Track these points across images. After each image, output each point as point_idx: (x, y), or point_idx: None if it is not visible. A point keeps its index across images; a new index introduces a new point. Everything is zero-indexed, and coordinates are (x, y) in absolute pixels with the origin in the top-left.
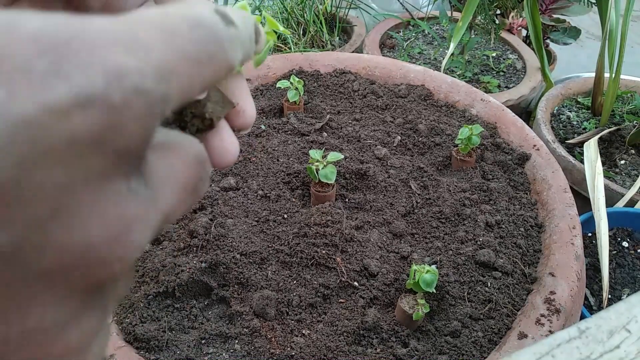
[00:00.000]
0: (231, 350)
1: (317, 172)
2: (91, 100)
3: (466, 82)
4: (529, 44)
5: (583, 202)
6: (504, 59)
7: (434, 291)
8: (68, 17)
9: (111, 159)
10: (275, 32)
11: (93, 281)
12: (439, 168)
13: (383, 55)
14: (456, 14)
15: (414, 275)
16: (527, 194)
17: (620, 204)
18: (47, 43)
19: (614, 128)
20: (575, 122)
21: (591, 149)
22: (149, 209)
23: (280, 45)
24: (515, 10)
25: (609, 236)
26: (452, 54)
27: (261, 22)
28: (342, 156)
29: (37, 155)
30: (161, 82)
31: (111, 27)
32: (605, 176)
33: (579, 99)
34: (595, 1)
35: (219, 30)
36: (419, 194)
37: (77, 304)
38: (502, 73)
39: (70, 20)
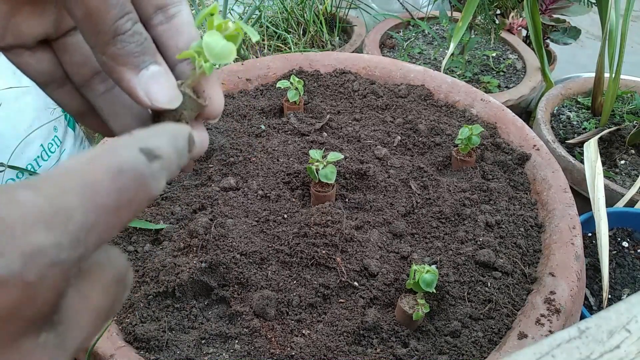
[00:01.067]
0: (231, 350)
1: (317, 172)
2: (8, 280)
3: (466, 82)
4: (529, 44)
5: (583, 202)
6: (504, 59)
7: (434, 291)
8: None
9: (24, 323)
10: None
11: None
12: (439, 168)
13: (383, 55)
14: (456, 14)
15: (414, 275)
16: (527, 194)
17: (620, 204)
18: None
19: (614, 128)
20: (575, 122)
21: (591, 149)
22: (57, 354)
23: (280, 45)
24: (515, 10)
25: (609, 236)
26: (452, 54)
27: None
28: (342, 156)
29: None
30: (78, 247)
31: (34, 202)
32: (605, 176)
33: (579, 99)
34: (595, 1)
35: (142, 171)
36: (419, 194)
37: None
38: (502, 73)
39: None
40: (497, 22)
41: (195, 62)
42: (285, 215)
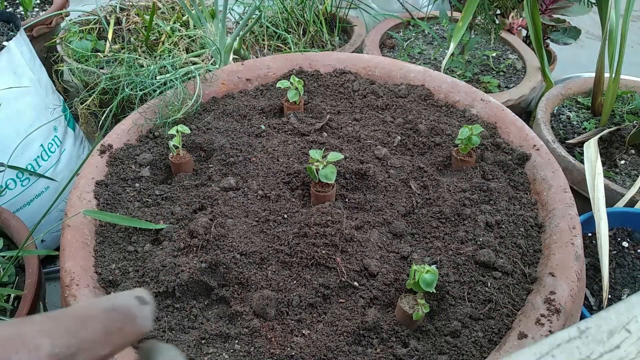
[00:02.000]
0: (231, 350)
1: (317, 172)
2: None
3: (466, 82)
4: (529, 44)
5: (583, 202)
6: (504, 59)
7: (434, 291)
8: (17, 324)
9: None
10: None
11: None
12: (439, 168)
13: (383, 55)
14: (456, 14)
15: (414, 275)
16: (527, 194)
17: (620, 204)
18: None
19: (614, 128)
20: (575, 122)
21: (591, 149)
22: None
23: (280, 45)
24: (515, 10)
25: (609, 236)
26: (452, 54)
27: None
28: (342, 156)
29: None
30: (69, 348)
31: (42, 321)
32: (605, 176)
33: (579, 99)
34: (595, 1)
35: (133, 309)
36: (419, 194)
37: None
38: (502, 73)
39: (16, 327)
40: (497, 22)
41: None
42: (285, 215)
